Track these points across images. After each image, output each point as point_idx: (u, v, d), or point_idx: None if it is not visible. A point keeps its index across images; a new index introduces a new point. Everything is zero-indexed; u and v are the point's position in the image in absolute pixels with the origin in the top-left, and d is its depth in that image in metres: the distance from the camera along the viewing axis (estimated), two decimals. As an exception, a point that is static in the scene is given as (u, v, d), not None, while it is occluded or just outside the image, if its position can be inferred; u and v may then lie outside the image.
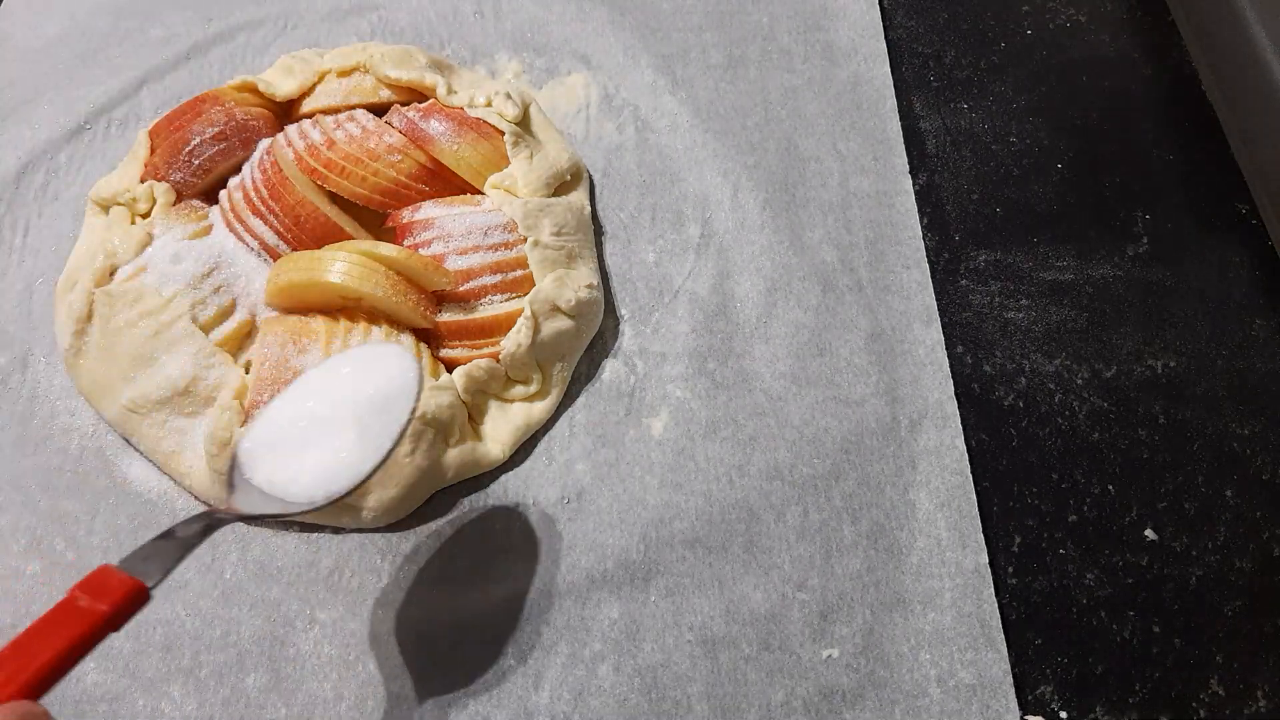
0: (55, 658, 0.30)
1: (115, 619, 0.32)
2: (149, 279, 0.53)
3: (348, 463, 0.41)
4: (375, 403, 0.43)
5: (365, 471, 0.41)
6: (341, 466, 0.41)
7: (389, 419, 0.42)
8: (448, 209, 0.56)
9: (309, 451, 0.41)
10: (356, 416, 0.42)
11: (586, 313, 0.56)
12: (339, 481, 0.41)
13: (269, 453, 0.41)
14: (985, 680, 0.47)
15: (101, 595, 0.32)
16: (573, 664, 0.48)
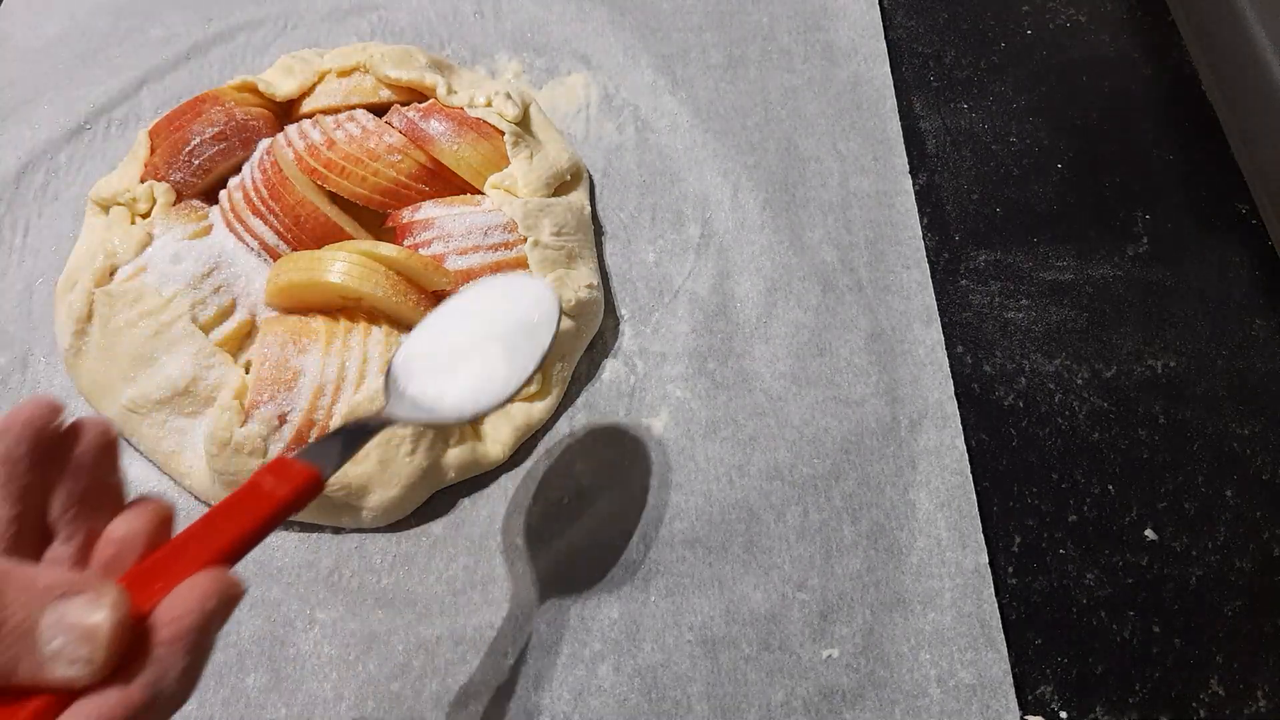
0: (244, 533, 0.32)
1: (295, 503, 0.33)
2: (149, 279, 0.53)
3: (495, 380, 0.43)
4: (520, 327, 0.44)
5: (511, 390, 0.43)
6: (489, 384, 0.43)
7: (533, 343, 0.44)
8: (448, 209, 0.56)
9: (459, 370, 0.43)
10: (503, 339, 0.44)
11: (586, 313, 0.56)
12: (487, 398, 0.43)
13: (420, 369, 0.43)
14: (985, 680, 0.47)
15: (282, 480, 0.33)
16: (573, 664, 0.48)
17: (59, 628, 0.27)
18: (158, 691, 0.28)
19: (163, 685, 0.28)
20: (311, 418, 0.50)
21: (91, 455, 0.32)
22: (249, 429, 0.50)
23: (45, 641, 0.27)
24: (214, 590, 0.29)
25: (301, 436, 0.51)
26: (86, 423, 0.32)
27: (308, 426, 0.51)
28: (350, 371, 0.51)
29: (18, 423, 0.31)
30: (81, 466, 0.32)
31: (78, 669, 0.27)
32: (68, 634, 0.27)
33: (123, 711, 0.27)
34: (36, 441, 0.31)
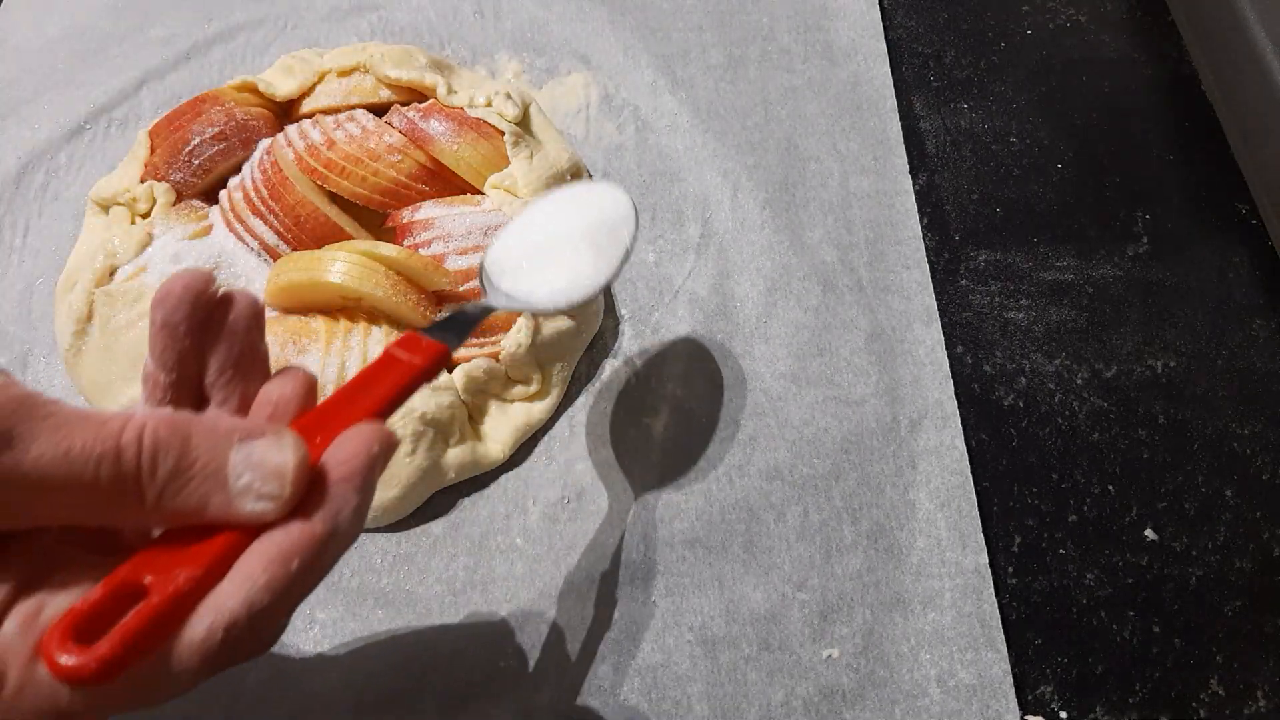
0: (392, 393, 0.34)
1: (429, 371, 0.35)
2: (149, 279, 0.53)
3: (585, 274, 0.45)
4: (603, 225, 0.46)
5: (602, 282, 0.45)
6: (579, 278, 0.45)
7: (616, 239, 0.46)
8: (448, 209, 0.56)
9: (548, 267, 0.45)
10: (588, 235, 0.46)
11: (586, 313, 0.56)
12: (579, 291, 0.45)
13: (511, 267, 0.46)
14: (985, 680, 0.47)
15: (416, 353, 0.36)
16: (573, 664, 0.48)
17: (246, 465, 0.29)
18: (336, 526, 0.29)
19: (340, 521, 0.30)
20: (311, 418, 0.50)
21: (243, 322, 0.34)
22: (249, 429, 0.50)
23: (234, 478, 0.29)
24: (375, 437, 0.31)
25: (301, 436, 0.51)
26: (236, 293, 0.34)
27: (308, 426, 0.51)
28: (350, 371, 0.51)
29: (175, 291, 0.32)
30: (234, 332, 0.34)
31: (265, 504, 0.29)
32: (254, 471, 0.29)
33: (307, 542, 0.29)
34: (193, 308, 0.33)
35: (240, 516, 0.29)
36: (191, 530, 0.29)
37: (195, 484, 0.29)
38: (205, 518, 0.29)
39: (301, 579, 0.29)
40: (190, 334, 0.33)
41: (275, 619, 0.29)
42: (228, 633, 0.28)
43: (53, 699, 0.27)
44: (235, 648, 0.28)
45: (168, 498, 0.28)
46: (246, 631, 0.28)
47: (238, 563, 0.29)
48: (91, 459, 0.27)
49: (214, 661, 0.28)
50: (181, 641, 0.28)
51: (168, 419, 0.29)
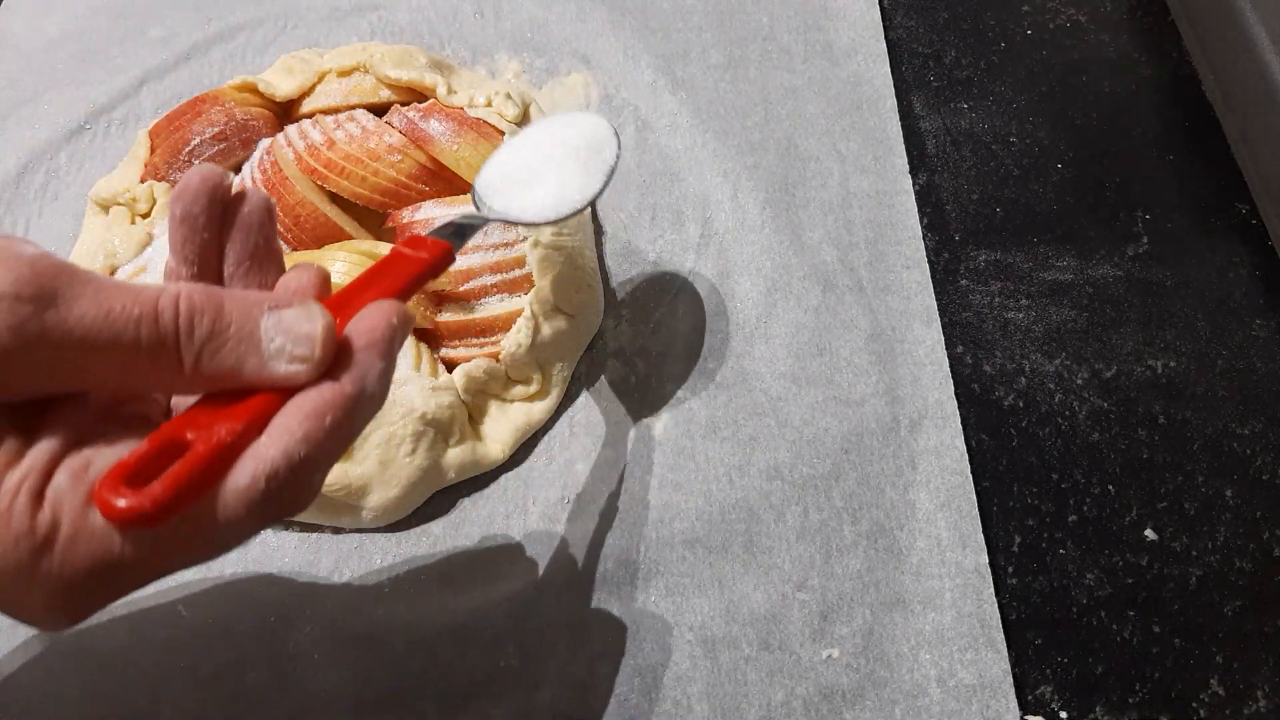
0: (405, 280, 0.36)
1: (435, 266, 0.38)
2: (149, 279, 0.53)
3: (573, 190, 0.48)
4: (587, 146, 0.49)
5: (590, 196, 0.48)
6: (567, 193, 0.48)
7: (601, 159, 0.49)
8: (448, 209, 0.56)
9: (536, 186, 0.48)
10: (574, 154, 0.49)
11: (586, 313, 0.56)
12: (567, 205, 0.48)
13: (502, 188, 0.48)
14: (985, 680, 0.47)
15: (421, 249, 0.38)
16: (573, 664, 0.48)
17: (277, 329, 0.31)
18: (364, 388, 0.31)
19: (367, 383, 0.32)
20: (311, 418, 0.50)
21: (257, 215, 0.36)
22: (249, 429, 0.50)
23: (267, 342, 0.31)
24: (394, 310, 0.33)
25: (301, 436, 0.51)
26: (248, 190, 0.36)
27: (308, 426, 0.50)
28: (350, 371, 0.51)
29: (193, 184, 0.34)
30: (249, 225, 0.35)
31: (297, 367, 0.31)
32: (285, 335, 0.31)
33: (339, 400, 0.31)
34: (211, 201, 0.35)
35: (275, 378, 0.31)
36: (229, 395, 0.31)
37: (230, 346, 0.30)
38: (241, 381, 0.31)
39: (334, 435, 0.30)
40: (209, 226, 0.35)
41: (311, 474, 0.31)
42: (269, 482, 0.29)
43: (106, 546, 0.28)
44: (276, 498, 0.30)
45: (205, 359, 0.30)
46: (287, 482, 0.30)
47: (274, 419, 0.30)
48: (131, 320, 0.29)
49: (257, 511, 0.30)
50: (226, 489, 0.29)
51: (201, 288, 0.31)
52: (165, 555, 0.30)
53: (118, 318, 0.29)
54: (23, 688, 0.48)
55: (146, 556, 0.29)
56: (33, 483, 0.29)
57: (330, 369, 0.31)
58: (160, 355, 0.30)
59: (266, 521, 0.31)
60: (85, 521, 0.28)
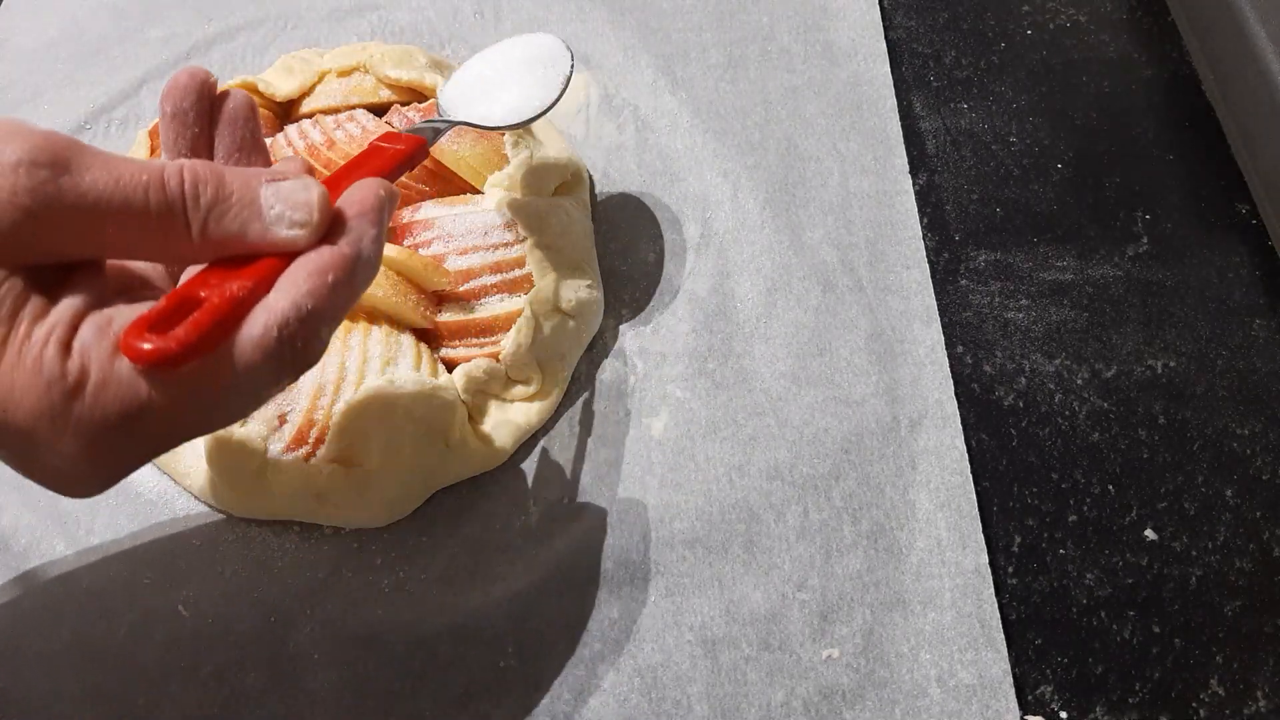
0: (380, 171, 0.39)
1: (411, 157, 0.41)
2: (149, 279, 0.53)
3: (532, 98, 0.51)
4: (542, 60, 0.52)
5: (548, 103, 0.51)
6: (528, 101, 0.51)
7: (556, 70, 0.52)
8: (448, 209, 0.56)
9: (497, 95, 0.51)
10: (530, 69, 0.52)
11: (586, 313, 0.56)
12: (528, 110, 0.51)
13: (465, 102, 0.51)
14: (985, 680, 0.47)
15: (397, 142, 0.41)
16: (573, 664, 0.48)
17: (276, 198, 0.33)
18: (359, 250, 0.34)
19: (362, 246, 0.34)
20: (312, 417, 0.50)
21: (242, 111, 0.38)
22: (249, 429, 0.50)
23: (267, 209, 0.33)
24: (380, 184, 0.36)
25: (302, 436, 0.51)
26: (230, 90, 0.39)
27: (308, 426, 0.51)
28: (350, 371, 0.51)
29: (181, 81, 0.37)
30: (235, 119, 0.38)
31: (297, 231, 0.33)
32: (284, 203, 0.33)
33: (338, 260, 0.33)
34: (199, 97, 0.38)
35: (277, 242, 0.33)
36: (235, 262, 0.33)
37: (234, 212, 0.33)
38: (245, 245, 0.33)
39: (336, 292, 0.33)
40: (198, 121, 0.38)
41: (318, 327, 0.33)
42: (281, 330, 0.32)
43: (134, 391, 0.30)
44: (288, 347, 0.32)
45: (211, 224, 0.32)
46: (297, 332, 0.32)
47: (281, 278, 0.33)
48: (139, 186, 0.31)
49: (272, 359, 0.32)
50: (241, 338, 0.31)
51: (202, 162, 0.33)
52: (191, 404, 0.31)
53: (127, 184, 0.31)
54: (23, 687, 0.48)
55: (173, 404, 0.31)
56: (60, 333, 0.30)
57: (327, 235, 0.34)
58: (169, 220, 0.32)
59: (281, 373, 0.33)
60: (113, 369, 0.30)
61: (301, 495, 0.50)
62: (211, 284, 0.32)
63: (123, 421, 0.30)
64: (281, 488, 0.50)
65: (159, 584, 0.51)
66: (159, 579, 0.51)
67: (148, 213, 0.31)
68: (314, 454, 0.51)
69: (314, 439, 0.51)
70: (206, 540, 0.52)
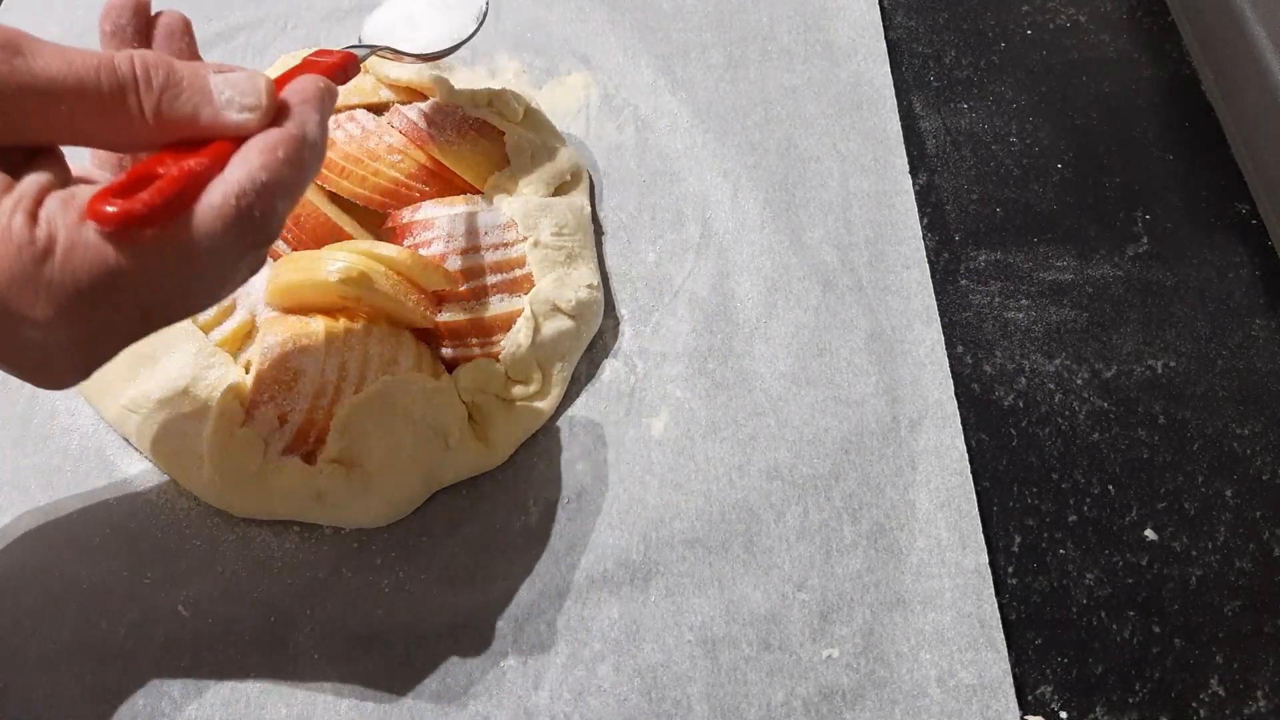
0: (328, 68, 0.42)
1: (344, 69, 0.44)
2: (149, 279, 0.53)
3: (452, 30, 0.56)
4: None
5: (466, 35, 0.56)
6: (448, 32, 0.56)
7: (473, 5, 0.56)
8: (448, 209, 0.56)
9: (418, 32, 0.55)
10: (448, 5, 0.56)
11: (586, 313, 0.56)
12: (447, 40, 0.55)
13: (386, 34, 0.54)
14: (985, 680, 0.47)
15: (327, 56, 0.44)
16: (573, 664, 0.48)
17: (225, 85, 0.35)
18: (305, 131, 0.36)
19: (308, 128, 0.36)
20: (312, 417, 0.50)
21: (178, 25, 0.41)
22: (249, 429, 0.51)
23: (218, 94, 0.35)
24: (319, 78, 0.38)
25: (302, 436, 0.51)
26: (164, 10, 0.41)
27: (308, 426, 0.51)
28: (351, 371, 0.51)
29: (117, 2, 0.40)
30: (172, 33, 0.40)
31: (247, 115, 0.35)
32: (233, 89, 0.35)
33: (287, 138, 0.35)
34: (135, 14, 0.40)
35: (228, 124, 0.35)
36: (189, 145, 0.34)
37: (186, 96, 0.34)
38: (198, 128, 0.35)
39: (286, 166, 0.35)
40: (136, 37, 0.40)
41: (273, 199, 0.34)
42: (239, 199, 0.33)
43: (102, 256, 0.31)
44: (247, 217, 0.33)
45: (164, 105, 0.34)
46: (254, 203, 0.33)
47: (234, 156, 0.34)
48: (91, 68, 0.33)
49: (233, 228, 0.33)
50: (202, 206, 0.33)
51: (151, 52, 0.35)
52: (161, 273, 0.33)
53: (79, 66, 0.33)
54: (23, 687, 0.48)
55: (143, 271, 0.32)
56: (27, 204, 0.31)
57: (274, 120, 0.36)
58: (120, 100, 0.33)
59: (243, 243, 0.34)
60: (80, 235, 0.31)
61: (301, 495, 0.50)
62: (168, 162, 0.33)
63: (94, 287, 0.31)
64: (281, 488, 0.50)
65: (159, 584, 0.51)
66: (159, 579, 0.51)
67: (100, 92, 0.33)
68: (314, 454, 0.51)
69: (314, 439, 0.51)
70: (206, 540, 0.52)
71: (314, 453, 0.51)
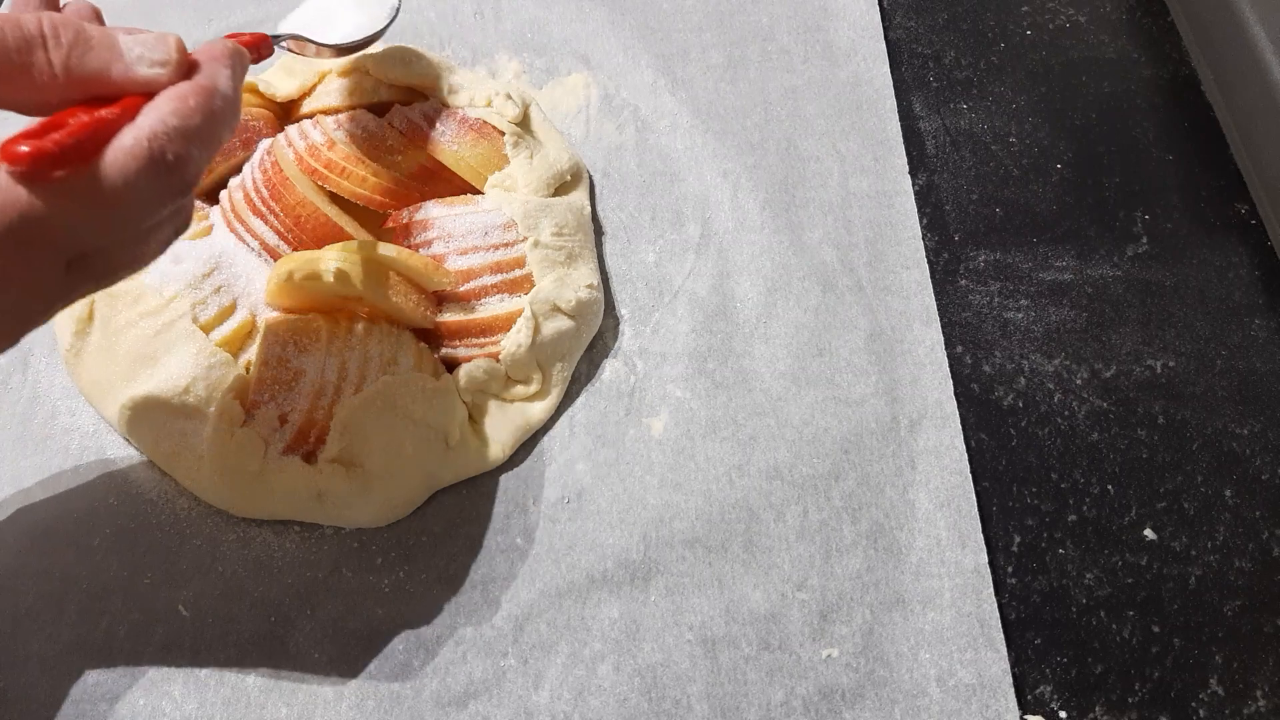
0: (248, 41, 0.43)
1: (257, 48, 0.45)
2: (149, 279, 0.53)
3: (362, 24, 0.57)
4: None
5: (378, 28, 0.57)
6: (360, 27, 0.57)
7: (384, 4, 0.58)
8: (448, 209, 0.56)
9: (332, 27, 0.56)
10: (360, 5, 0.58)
11: (586, 313, 0.56)
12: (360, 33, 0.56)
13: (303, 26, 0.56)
14: (985, 680, 0.47)
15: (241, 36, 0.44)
16: (573, 664, 0.48)
17: (134, 43, 0.36)
18: (215, 83, 0.37)
19: (218, 81, 0.37)
20: (312, 417, 0.50)
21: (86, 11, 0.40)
22: (249, 429, 0.51)
23: (127, 51, 0.36)
24: (228, 41, 0.40)
25: (302, 436, 0.51)
26: None
27: (308, 426, 0.51)
28: (351, 371, 0.51)
29: None
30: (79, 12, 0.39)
31: (157, 70, 0.36)
32: (143, 46, 0.36)
33: (196, 89, 0.36)
34: None
35: (139, 79, 0.35)
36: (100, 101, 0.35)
37: (96, 52, 0.35)
38: (110, 84, 0.35)
39: (198, 113, 0.35)
40: (42, 3, 0.39)
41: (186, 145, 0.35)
42: (150, 142, 0.34)
43: (14, 197, 0.32)
44: (160, 160, 0.34)
45: (74, 60, 0.34)
46: (165, 146, 0.34)
47: (145, 107, 0.35)
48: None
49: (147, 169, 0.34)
50: (114, 147, 0.33)
51: (58, 14, 0.35)
52: (78, 217, 0.33)
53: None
54: (23, 687, 0.48)
55: (60, 215, 0.33)
56: None
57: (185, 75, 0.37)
58: (28, 56, 0.34)
59: (159, 187, 0.35)
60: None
61: (301, 495, 0.50)
62: (80, 115, 0.34)
63: (8, 230, 0.32)
64: (281, 488, 0.50)
65: (159, 584, 0.51)
66: (159, 579, 0.51)
67: (6, 48, 0.33)
68: (314, 454, 0.51)
69: (314, 439, 0.51)
70: (206, 540, 0.52)
71: (314, 453, 0.51)
